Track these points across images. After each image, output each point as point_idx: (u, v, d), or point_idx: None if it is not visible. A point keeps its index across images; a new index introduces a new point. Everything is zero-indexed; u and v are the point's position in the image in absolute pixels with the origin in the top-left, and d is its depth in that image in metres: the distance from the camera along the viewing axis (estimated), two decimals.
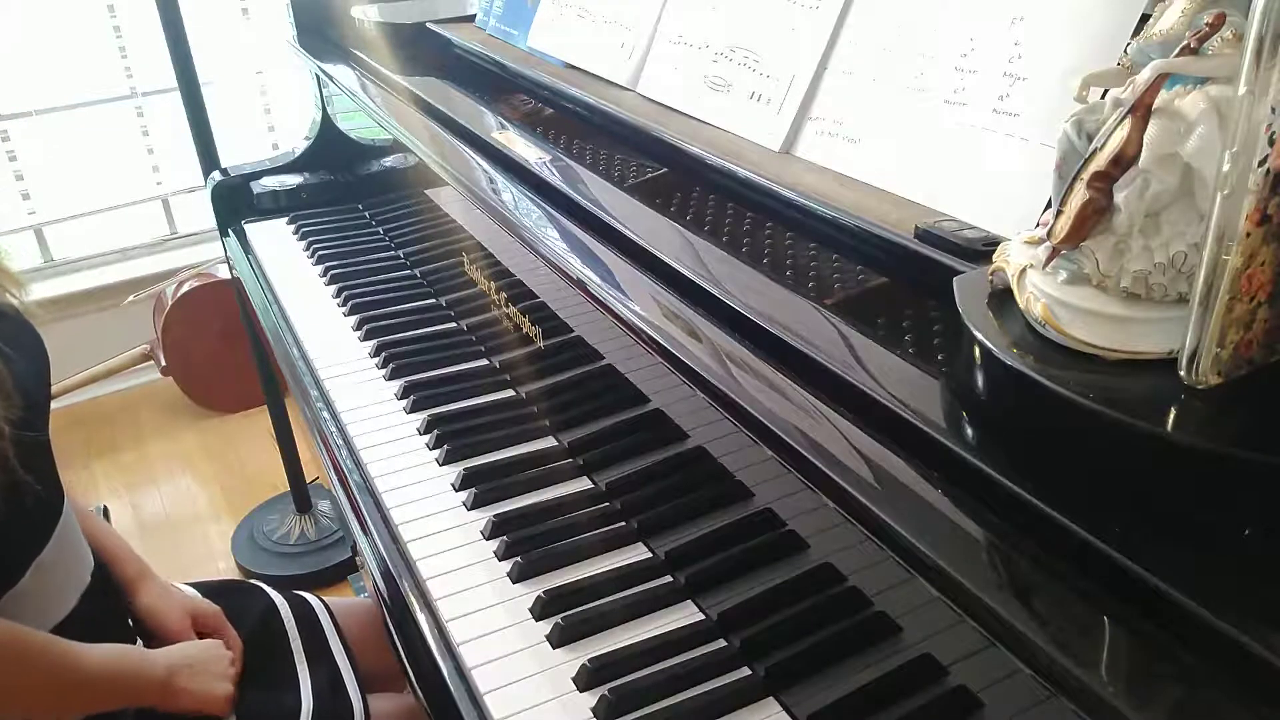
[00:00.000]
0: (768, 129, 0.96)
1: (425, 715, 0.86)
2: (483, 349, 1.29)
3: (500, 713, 0.78)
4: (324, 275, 1.55)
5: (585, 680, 0.79)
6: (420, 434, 1.13)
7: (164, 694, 0.98)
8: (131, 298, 2.72)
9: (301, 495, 2.24)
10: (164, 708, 0.99)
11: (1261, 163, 0.45)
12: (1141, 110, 0.51)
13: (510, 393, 1.20)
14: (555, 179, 1.02)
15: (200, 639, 1.07)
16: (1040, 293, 0.56)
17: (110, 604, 1.04)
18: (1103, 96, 0.56)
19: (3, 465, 0.85)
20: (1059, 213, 0.55)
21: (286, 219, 1.76)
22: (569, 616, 0.85)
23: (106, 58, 2.76)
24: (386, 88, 1.45)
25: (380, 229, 1.70)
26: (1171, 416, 0.49)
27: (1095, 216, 0.53)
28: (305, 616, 1.16)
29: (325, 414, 1.20)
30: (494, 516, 0.98)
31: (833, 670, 0.73)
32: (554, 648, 0.83)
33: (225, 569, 2.20)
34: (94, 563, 1.02)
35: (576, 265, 0.90)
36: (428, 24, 1.60)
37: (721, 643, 0.83)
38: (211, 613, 1.10)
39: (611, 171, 1.06)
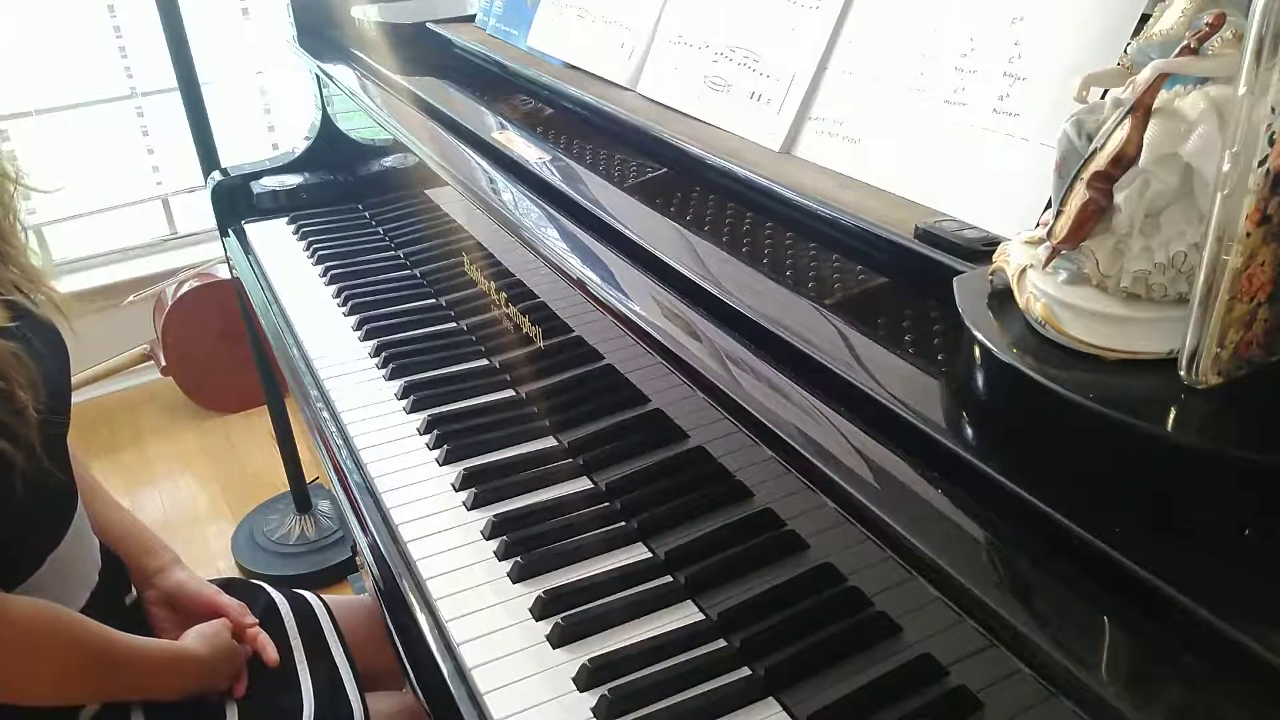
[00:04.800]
0: (768, 129, 0.96)
1: (425, 715, 0.86)
2: (483, 349, 1.29)
3: (500, 712, 0.78)
4: (324, 275, 1.55)
5: (585, 680, 0.79)
6: (420, 434, 1.13)
7: (190, 682, 0.99)
8: (131, 298, 2.72)
9: (301, 495, 2.24)
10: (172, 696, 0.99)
11: (1261, 163, 0.45)
12: (1141, 110, 0.51)
13: (510, 393, 1.20)
14: (555, 179, 1.02)
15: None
16: (1040, 293, 0.56)
17: (117, 604, 1.04)
18: (1103, 96, 0.56)
19: (28, 453, 0.86)
20: (1059, 213, 0.55)
21: (286, 219, 1.76)
22: (569, 616, 0.85)
23: (106, 58, 2.76)
24: (386, 88, 1.45)
25: (380, 229, 1.70)
26: (1171, 416, 0.49)
27: (1095, 216, 0.53)
28: (305, 615, 1.16)
29: (325, 414, 1.20)
30: (494, 516, 0.98)
31: (833, 670, 0.73)
32: (554, 648, 0.83)
33: (225, 569, 2.20)
34: (100, 563, 1.02)
35: (576, 265, 0.90)
36: (428, 24, 1.60)
37: (721, 643, 0.83)
38: (238, 605, 1.11)
39: (611, 171, 1.06)
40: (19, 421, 0.85)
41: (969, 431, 0.58)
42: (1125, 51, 0.59)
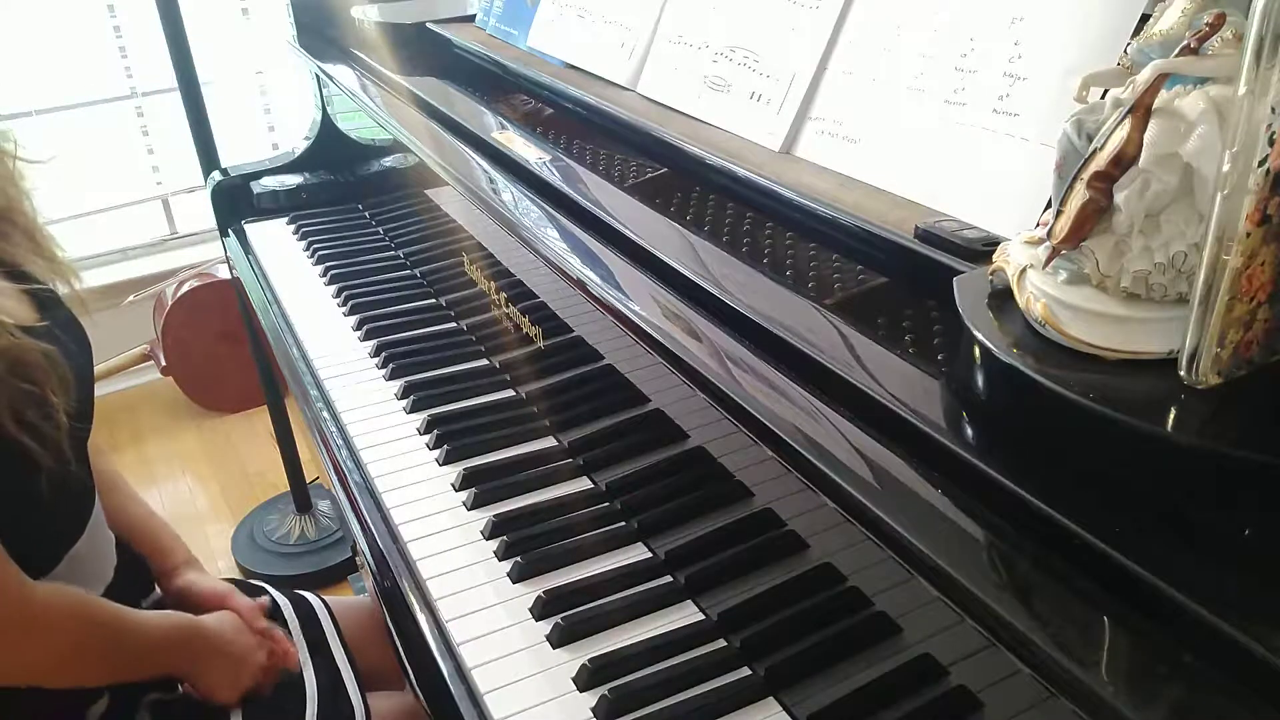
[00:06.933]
0: (768, 129, 0.96)
1: (425, 715, 0.86)
2: (483, 349, 1.29)
3: (500, 712, 0.78)
4: (324, 275, 1.55)
5: (585, 680, 0.79)
6: (420, 434, 1.13)
7: (205, 653, 0.99)
8: (131, 298, 2.72)
9: (301, 495, 2.24)
10: (195, 673, 0.99)
11: (1261, 163, 0.45)
12: (1141, 110, 0.51)
13: (510, 393, 1.20)
14: (555, 179, 1.02)
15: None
16: (1040, 293, 0.56)
17: (132, 600, 1.04)
18: (1103, 96, 0.56)
19: (58, 456, 0.86)
20: (1059, 213, 0.55)
21: (286, 219, 1.76)
22: (569, 616, 0.85)
23: (106, 58, 2.76)
24: (386, 88, 1.45)
25: (380, 229, 1.70)
26: (1171, 416, 0.49)
27: (1095, 216, 0.53)
28: (306, 616, 1.16)
29: (325, 414, 1.20)
30: (494, 516, 0.98)
31: (833, 670, 0.73)
32: (554, 648, 0.84)
33: (225, 569, 2.20)
34: (116, 560, 1.03)
35: (576, 265, 0.90)
36: (428, 24, 1.60)
37: (721, 643, 0.83)
38: (247, 604, 1.10)
39: (611, 171, 1.06)
40: (49, 425, 0.85)
41: (969, 431, 0.58)
42: (1125, 51, 0.59)
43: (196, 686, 1.00)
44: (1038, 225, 0.60)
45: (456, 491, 1.04)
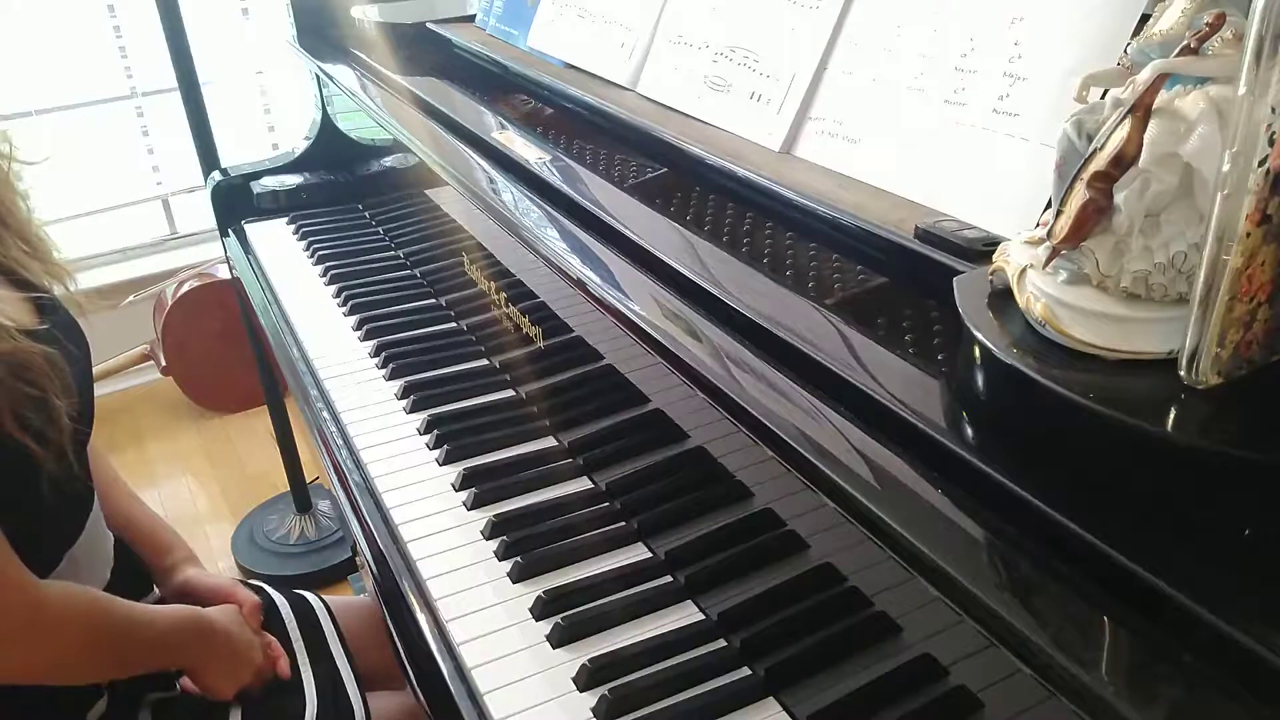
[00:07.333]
0: (768, 129, 0.97)
1: (425, 715, 0.86)
2: (483, 349, 1.29)
3: (500, 712, 0.78)
4: (324, 275, 1.55)
5: (585, 680, 0.79)
6: (420, 434, 1.13)
7: (211, 645, 0.99)
8: (131, 298, 2.72)
9: (301, 495, 2.24)
10: (199, 665, 1.00)
11: (1261, 163, 0.45)
12: (1141, 110, 0.51)
13: (510, 393, 1.20)
14: (555, 179, 1.02)
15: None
16: (1040, 293, 0.56)
17: (128, 597, 1.05)
18: (1103, 96, 0.56)
19: (60, 458, 0.87)
20: (1059, 213, 0.55)
21: (286, 219, 1.76)
22: (569, 616, 0.85)
23: (106, 58, 2.76)
24: (386, 88, 1.45)
25: (380, 229, 1.70)
26: (1171, 416, 0.49)
27: (1095, 216, 0.53)
28: (305, 616, 1.16)
29: (325, 414, 1.20)
30: (494, 516, 0.98)
31: (833, 670, 0.73)
32: (554, 648, 0.83)
33: (225, 569, 2.20)
34: (113, 561, 1.03)
35: (576, 265, 0.90)
36: (428, 24, 1.60)
37: (721, 643, 0.83)
38: (250, 600, 1.11)
39: (611, 171, 1.06)
40: (52, 429, 0.86)
41: (969, 431, 0.58)
42: (1125, 51, 0.59)
43: (197, 679, 1.00)
44: (1038, 225, 0.60)
45: (456, 491, 1.04)
